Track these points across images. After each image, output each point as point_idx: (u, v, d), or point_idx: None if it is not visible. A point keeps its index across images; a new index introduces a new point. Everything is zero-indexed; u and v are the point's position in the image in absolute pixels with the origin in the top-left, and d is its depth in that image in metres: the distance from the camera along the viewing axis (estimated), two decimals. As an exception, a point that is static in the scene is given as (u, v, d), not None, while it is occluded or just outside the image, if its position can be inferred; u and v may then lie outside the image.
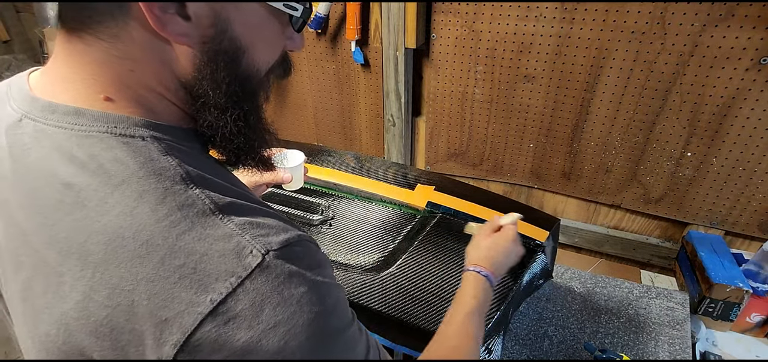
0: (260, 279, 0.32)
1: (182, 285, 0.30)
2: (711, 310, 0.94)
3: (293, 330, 0.32)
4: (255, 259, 0.32)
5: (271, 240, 0.34)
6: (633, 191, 1.13)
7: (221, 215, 0.33)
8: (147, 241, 0.31)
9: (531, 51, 1.06)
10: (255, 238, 0.33)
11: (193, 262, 0.31)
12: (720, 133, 0.96)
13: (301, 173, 0.80)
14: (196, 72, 0.37)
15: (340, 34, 1.27)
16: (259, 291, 0.32)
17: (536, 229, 0.83)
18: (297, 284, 0.34)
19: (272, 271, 0.33)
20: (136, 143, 0.34)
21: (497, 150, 1.24)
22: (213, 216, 0.33)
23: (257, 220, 0.35)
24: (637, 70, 0.98)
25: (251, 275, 0.32)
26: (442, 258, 0.79)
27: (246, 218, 0.35)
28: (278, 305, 0.32)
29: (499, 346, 0.71)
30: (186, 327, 0.30)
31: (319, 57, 1.35)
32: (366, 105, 1.37)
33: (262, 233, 0.34)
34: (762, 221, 1.01)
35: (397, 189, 0.94)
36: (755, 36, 0.84)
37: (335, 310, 0.37)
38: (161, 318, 0.30)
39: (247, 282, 0.31)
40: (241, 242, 0.33)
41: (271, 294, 0.32)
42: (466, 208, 0.88)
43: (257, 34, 0.39)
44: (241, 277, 0.31)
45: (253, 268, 0.32)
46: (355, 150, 1.47)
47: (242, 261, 0.32)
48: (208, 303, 0.30)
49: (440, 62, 1.18)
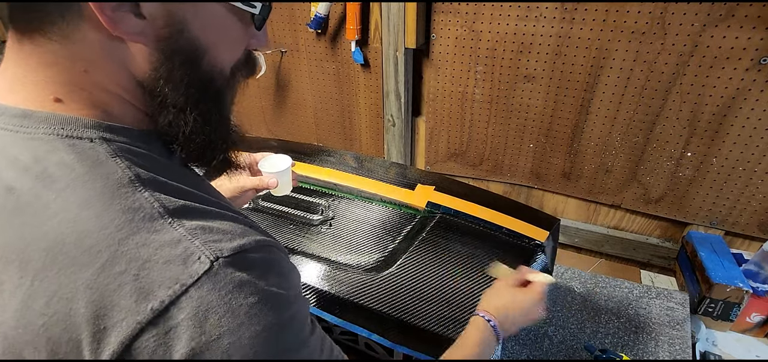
0: (206, 287, 0.30)
1: (122, 293, 0.29)
2: (711, 310, 0.94)
3: (239, 343, 0.31)
4: (202, 266, 0.31)
5: (223, 246, 0.32)
6: (633, 191, 1.13)
7: (171, 219, 0.32)
8: (89, 248, 0.30)
9: (531, 51, 1.06)
10: (205, 244, 0.32)
11: (135, 268, 0.30)
12: (720, 133, 0.96)
13: (288, 178, 0.77)
14: (153, 71, 0.36)
15: (340, 34, 1.27)
16: (204, 300, 0.30)
17: (536, 229, 0.83)
18: (247, 294, 0.32)
19: (220, 279, 0.31)
20: (84, 145, 0.33)
21: (497, 150, 1.24)
22: (161, 221, 0.32)
23: (211, 224, 0.34)
24: (637, 70, 0.98)
25: (197, 283, 0.30)
26: (442, 258, 0.79)
27: (199, 222, 0.33)
28: (224, 315, 0.31)
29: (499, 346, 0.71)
30: (124, 336, 0.29)
31: (319, 57, 1.35)
32: (366, 105, 1.37)
33: (213, 238, 0.33)
34: (762, 221, 1.01)
35: (397, 189, 0.94)
36: (755, 36, 0.84)
37: (290, 325, 0.35)
38: (99, 326, 0.29)
39: (191, 289, 0.30)
40: (189, 247, 0.31)
41: (217, 303, 0.30)
42: (466, 208, 0.88)
43: (217, 33, 0.38)
44: (185, 285, 0.30)
45: (200, 275, 0.30)
46: (355, 150, 1.47)
47: (188, 268, 0.30)
48: (148, 312, 0.29)
49: (440, 62, 1.18)
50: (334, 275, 0.79)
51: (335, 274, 0.79)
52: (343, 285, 0.77)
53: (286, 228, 0.91)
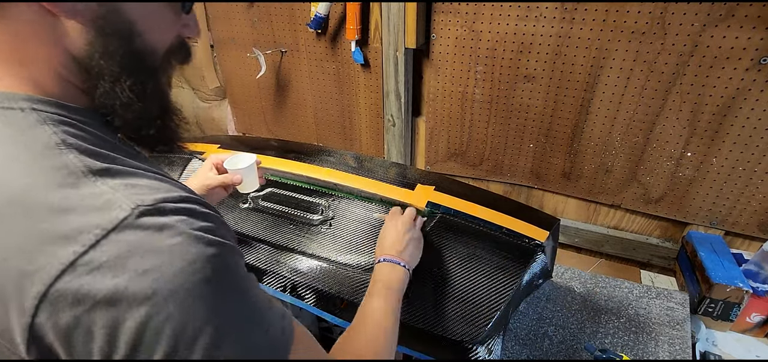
0: (128, 232, 0.32)
1: (48, 241, 0.31)
2: (711, 310, 0.93)
3: (164, 278, 0.32)
4: (123, 212, 0.32)
5: (144, 197, 0.34)
6: (633, 191, 1.13)
7: (95, 177, 0.34)
8: (15, 202, 0.32)
9: (531, 51, 1.06)
10: (127, 196, 0.34)
11: (59, 219, 0.32)
12: (720, 133, 0.96)
13: (253, 175, 0.80)
14: (88, 47, 0.38)
15: (340, 34, 1.27)
16: (126, 242, 0.32)
17: (536, 229, 0.83)
18: (170, 235, 0.33)
19: (142, 225, 0.33)
20: (15, 114, 0.35)
21: (497, 150, 1.24)
22: (84, 178, 0.34)
23: (135, 182, 0.36)
24: (637, 70, 0.98)
25: (117, 228, 0.32)
26: (442, 258, 0.79)
27: (123, 180, 0.35)
28: (146, 253, 0.32)
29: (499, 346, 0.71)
30: (47, 278, 0.30)
31: (319, 57, 1.35)
32: (366, 105, 1.37)
33: (135, 192, 0.34)
34: (762, 221, 1.01)
35: (397, 189, 0.94)
36: (755, 36, 0.84)
37: (220, 264, 0.35)
38: (25, 272, 0.31)
39: (112, 234, 0.32)
40: (111, 199, 0.33)
41: (139, 244, 0.32)
42: (466, 208, 0.88)
43: (148, 16, 0.41)
44: (106, 229, 0.32)
45: (120, 221, 0.32)
46: (355, 150, 1.47)
47: (109, 215, 0.32)
48: (70, 254, 0.31)
49: (440, 62, 1.18)
50: (334, 275, 0.79)
51: (335, 274, 0.79)
52: (343, 285, 0.77)
53: (286, 228, 0.91)
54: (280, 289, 0.84)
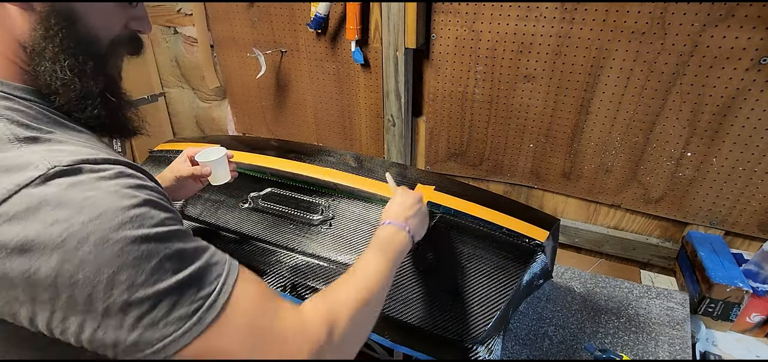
0: (41, 187, 0.35)
1: None
2: (711, 310, 0.94)
3: (73, 227, 0.34)
4: (37, 171, 0.35)
5: (62, 159, 0.37)
6: (633, 191, 1.13)
7: (20, 144, 0.38)
8: None
9: (531, 51, 1.06)
10: (44, 158, 0.36)
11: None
12: (720, 133, 0.96)
13: (224, 167, 0.82)
14: (31, 31, 0.42)
15: (340, 34, 1.27)
16: (38, 196, 0.35)
17: (536, 229, 0.83)
18: (82, 190, 0.36)
19: (55, 181, 0.35)
20: None
21: (497, 150, 1.24)
22: (9, 144, 0.37)
23: (59, 148, 0.39)
24: (637, 70, 0.98)
25: (31, 184, 0.35)
26: (442, 258, 0.79)
27: (47, 146, 0.38)
28: (57, 206, 0.34)
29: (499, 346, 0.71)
30: None
31: (319, 57, 1.35)
32: (366, 105, 1.37)
33: (55, 155, 0.37)
34: (762, 221, 1.01)
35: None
36: (755, 36, 0.84)
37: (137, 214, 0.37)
38: None
39: (25, 188, 0.35)
40: (30, 159, 0.36)
41: (50, 198, 0.35)
42: (466, 208, 0.88)
43: (89, 4, 0.44)
44: (19, 184, 0.35)
45: (34, 178, 0.35)
46: (355, 150, 1.47)
47: (24, 174, 0.35)
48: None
49: (440, 62, 1.18)
50: (334, 275, 0.79)
51: (336, 274, 0.79)
52: (343, 285, 0.77)
53: (286, 228, 0.91)
54: (280, 289, 0.84)
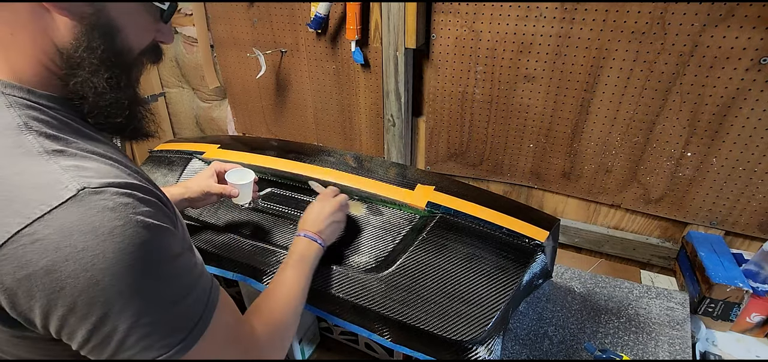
0: (71, 210, 0.36)
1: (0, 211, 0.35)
2: (711, 310, 0.93)
3: (103, 255, 0.36)
4: (68, 192, 0.36)
5: (92, 180, 0.38)
6: (633, 191, 1.13)
7: (48, 157, 0.38)
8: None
9: (531, 51, 1.06)
10: (74, 178, 0.37)
11: (11, 193, 0.36)
12: (720, 133, 0.96)
13: (249, 191, 0.87)
14: (74, 40, 0.42)
15: (340, 34, 1.27)
16: (69, 219, 0.35)
17: (536, 229, 0.83)
18: (112, 218, 0.37)
19: (86, 205, 0.36)
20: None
21: (497, 150, 1.24)
22: (39, 157, 0.38)
23: (87, 165, 0.39)
24: (637, 70, 0.98)
25: (62, 205, 0.35)
26: (442, 258, 0.79)
27: (75, 162, 0.39)
28: (87, 232, 0.36)
29: (498, 346, 0.71)
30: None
31: (319, 57, 1.35)
32: (366, 105, 1.37)
33: (84, 174, 0.38)
34: (762, 221, 1.01)
35: (397, 189, 0.94)
36: (755, 36, 0.84)
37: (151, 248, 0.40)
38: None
39: (56, 210, 0.35)
40: (59, 178, 0.37)
41: (81, 222, 0.36)
42: (466, 208, 0.88)
43: (130, 19, 0.46)
44: (51, 205, 0.35)
45: (65, 200, 0.36)
46: (355, 150, 1.47)
47: (55, 193, 0.36)
48: (16, 225, 0.35)
49: (440, 62, 1.18)
50: (334, 275, 0.79)
51: (335, 274, 0.79)
52: (343, 285, 0.77)
53: (287, 228, 0.91)
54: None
